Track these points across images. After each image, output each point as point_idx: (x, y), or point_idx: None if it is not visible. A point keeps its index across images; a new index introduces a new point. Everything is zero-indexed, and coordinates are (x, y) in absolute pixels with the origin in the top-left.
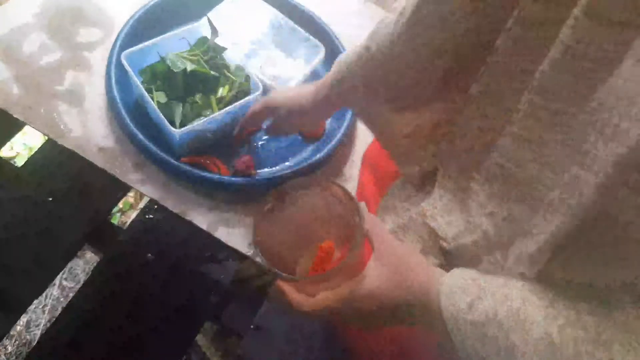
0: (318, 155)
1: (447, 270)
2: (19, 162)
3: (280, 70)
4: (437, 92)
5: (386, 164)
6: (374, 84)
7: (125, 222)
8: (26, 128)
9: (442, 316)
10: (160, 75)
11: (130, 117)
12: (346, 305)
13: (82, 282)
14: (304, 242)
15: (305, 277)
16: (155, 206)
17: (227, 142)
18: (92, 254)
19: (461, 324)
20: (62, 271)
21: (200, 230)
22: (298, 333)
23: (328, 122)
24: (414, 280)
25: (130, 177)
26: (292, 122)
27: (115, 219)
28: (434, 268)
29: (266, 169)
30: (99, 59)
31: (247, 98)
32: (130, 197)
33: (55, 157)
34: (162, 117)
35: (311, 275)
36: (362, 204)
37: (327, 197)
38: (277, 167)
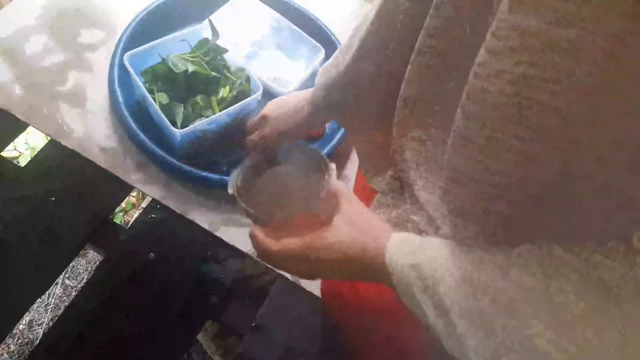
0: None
1: None
2: (22, 162)
3: (281, 71)
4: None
5: None
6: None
7: (128, 222)
8: (29, 128)
9: (387, 266)
10: (162, 77)
11: (132, 117)
12: (307, 251)
13: (84, 281)
14: (280, 203)
15: (271, 218)
16: (157, 206)
17: (227, 143)
18: (95, 253)
19: (401, 268)
20: (65, 270)
21: (202, 229)
22: (298, 332)
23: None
24: (371, 238)
25: (133, 177)
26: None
27: (118, 219)
28: (390, 229)
29: None
30: (101, 60)
31: (247, 99)
32: (132, 196)
33: (58, 158)
34: (164, 117)
35: (277, 218)
36: (333, 165)
37: (305, 161)
38: None
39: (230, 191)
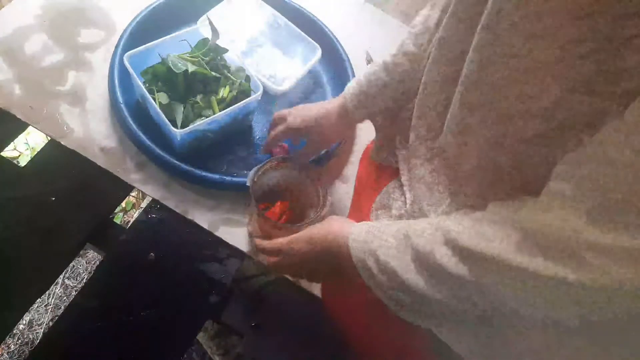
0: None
1: None
2: (22, 162)
3: (277, 69)
4: None
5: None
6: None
7: (128, 222)
8: (29, 128)
9: (349, 247)
10: (162, 77)
11: (132, 117)
12: (288, 244)
13: (84, 281)
14: (275, 197)
15: (279, 223)
16: (157, 206)
17: (227, 142)
18: (95, 253)
19: (357, 240)
20: (65, 270)
21: (202, 229)
22: (298, 332)
23: None
24: (337, 233)
25: (132, 177)
26: (319, 143)
27: (118, 219)
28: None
29: None
30: (100, 60)
31: (247, 99)
32: (132, 196)
33: (58, 157)
34: (164, 117)
35: (283, 223)
36: (330, 199)
37: (310, 182)
38: None
39: (247, 183)
